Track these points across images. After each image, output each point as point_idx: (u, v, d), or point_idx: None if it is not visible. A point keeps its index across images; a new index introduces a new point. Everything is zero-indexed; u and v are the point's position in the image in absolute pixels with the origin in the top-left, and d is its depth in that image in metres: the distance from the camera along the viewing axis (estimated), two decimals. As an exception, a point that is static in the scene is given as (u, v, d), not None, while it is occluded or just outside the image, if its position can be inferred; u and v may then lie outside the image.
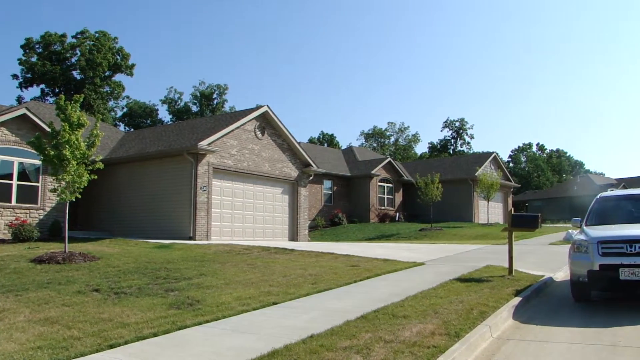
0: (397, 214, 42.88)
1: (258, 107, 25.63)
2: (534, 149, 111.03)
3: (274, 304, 8.96)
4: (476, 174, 41.29)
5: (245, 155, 23.89)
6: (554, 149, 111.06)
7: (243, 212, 23.96)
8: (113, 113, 73.64)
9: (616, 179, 73.61)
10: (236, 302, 8.95)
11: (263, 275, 12.16)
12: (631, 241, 8.52)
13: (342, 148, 67.13)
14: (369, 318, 7.53)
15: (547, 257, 16.53)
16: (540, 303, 9.59)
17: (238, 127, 23.63)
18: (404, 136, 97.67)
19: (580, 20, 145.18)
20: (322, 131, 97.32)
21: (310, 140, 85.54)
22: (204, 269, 12.66)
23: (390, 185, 43.24)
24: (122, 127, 72.43)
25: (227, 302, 9.00)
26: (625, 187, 51.40)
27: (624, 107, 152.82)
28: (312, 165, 27.81)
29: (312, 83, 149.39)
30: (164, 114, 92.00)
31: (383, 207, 42.16)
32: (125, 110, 78.16)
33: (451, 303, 8.51)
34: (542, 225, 17.82)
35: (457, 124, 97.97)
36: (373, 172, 40.89)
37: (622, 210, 10.86)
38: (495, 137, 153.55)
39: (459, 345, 6.15)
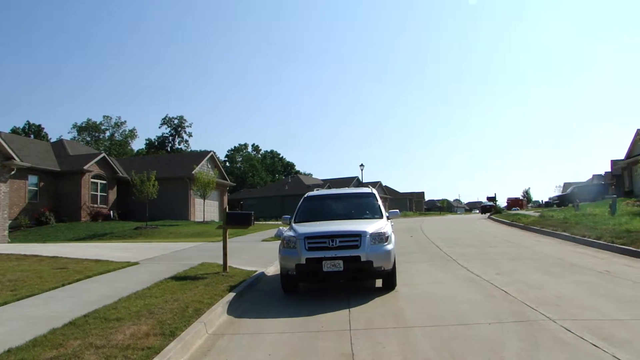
0: (111, 212, 41.10)
1: (-53, 90, 22.22)
2: (250, 149, 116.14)
3: (-37, 316, 7.85)
4: (193, 173, 41.61)
5: None
6: (269, 150, 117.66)
7: None
8: None
9: (323, 180, 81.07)
10: None
11: (-51, 283, 10.60)
12: (332, 236, 9.40)
13: (52, 141, 61.96)
14: (78, 324, 7.07)
15: (260, 253, 17.37)
16: (253, 297, 10.02)
17: None
18: (121, 131, 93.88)
19: (304, 27, 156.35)
20: (28, 121, 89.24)
21: (14, 131, 77.58)
22: None
23: (104, 182, 41.27)
24: None
25: None
26: (330, 187, 56.72)
27: (331, 114, 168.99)
28: (14, 159, 25.00)
29: (19, 67, 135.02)
30: None
31: (96, 205, 40.05)
32: None
33: (166, 302, 8.44)
34: (256, 222, 18.65)
35: (176, 121, 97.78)
36: (86, 167, 38.61)
37: (326, 208, 11.91)
38: (213, 137, 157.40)
39: (174, 344, 6.11)
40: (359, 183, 65.13)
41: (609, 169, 64.56)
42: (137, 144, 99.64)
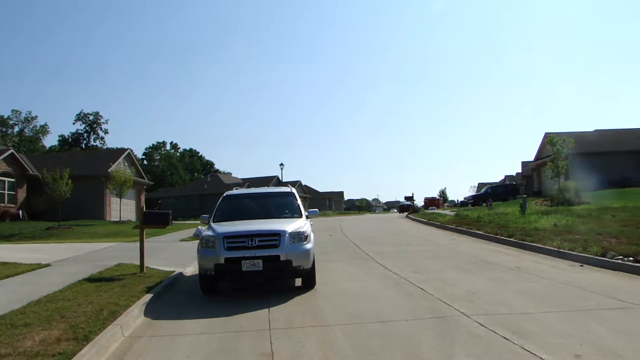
0: (20, 212, 39.16)
1: None
2: (168, 147, 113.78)
3: None
4: (109, 171, 40.30)
5: None
6: (187, 149, 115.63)
7: None
8: None
9: (242, 179, 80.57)
10: None
11: None
12: (251, 235, 9.35)
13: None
14: (-20, 331, 6.67)
15: (178, 253, 17.06)
16: (171, 298, 9.82)
17: None
18: (31, 127, 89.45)
19: (231, 27, 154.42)
20: None
21: None
22: None
23: (13, 179, 39.28)
24: None
25: None
26: (249, 186, 56.31)
27: (252, 113, 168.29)
28: None
29: None
30: None
31: (3, 204, 38.04)
32: None
33: (80, 305, 8.13)
34: (174, 222, 18.30)
35: (92, 117, 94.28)
36: (-8, 164, 36.59)
37: (245, 207, 11.81)
38: (131, 134, 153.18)
39: (88, 349, 5.90)
40: (278, 182, 65.09)
41: (520, 170, 67.54)
42: (50, 141, 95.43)
